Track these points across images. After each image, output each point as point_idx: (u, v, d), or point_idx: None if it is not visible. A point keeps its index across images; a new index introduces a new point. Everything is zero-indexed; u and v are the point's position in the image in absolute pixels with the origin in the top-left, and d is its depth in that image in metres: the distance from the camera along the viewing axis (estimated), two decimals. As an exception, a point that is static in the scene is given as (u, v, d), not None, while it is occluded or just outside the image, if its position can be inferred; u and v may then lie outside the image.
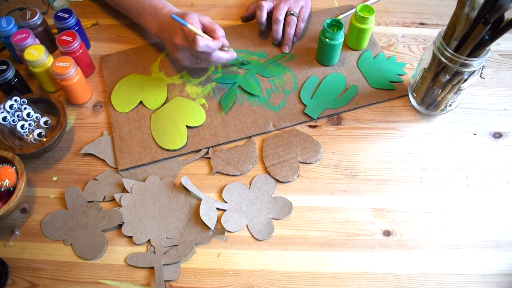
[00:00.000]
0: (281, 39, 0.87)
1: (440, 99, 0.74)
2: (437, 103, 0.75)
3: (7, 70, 0.75)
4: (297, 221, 0.69)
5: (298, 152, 0.75)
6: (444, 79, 0.70)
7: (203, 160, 0.75)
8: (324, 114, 0.79)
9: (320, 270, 0.65)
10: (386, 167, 0.74)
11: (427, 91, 0.74)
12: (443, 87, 0.71)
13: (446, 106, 0.75)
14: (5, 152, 0.70)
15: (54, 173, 0.74)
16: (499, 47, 0.90)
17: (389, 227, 0.68)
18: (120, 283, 0.64)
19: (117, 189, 0.71)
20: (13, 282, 0.64)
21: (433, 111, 0.78)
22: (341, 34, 0.79)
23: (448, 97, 0.73)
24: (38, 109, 0.77)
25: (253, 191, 0.71)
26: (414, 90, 0.78)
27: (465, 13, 0.62)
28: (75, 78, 0.77)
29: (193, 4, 0.98)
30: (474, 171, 0.74)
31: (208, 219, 0.67)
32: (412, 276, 0.64)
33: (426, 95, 0.75)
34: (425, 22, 0.94)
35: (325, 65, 0.86)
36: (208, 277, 0.64)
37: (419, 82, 0.75)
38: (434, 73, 0.71)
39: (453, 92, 0.72)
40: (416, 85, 0.77)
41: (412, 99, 0.79)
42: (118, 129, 0.78)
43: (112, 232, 0.68)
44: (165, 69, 0.86)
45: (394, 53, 0.88)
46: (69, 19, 0.83)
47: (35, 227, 0.68)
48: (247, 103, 0.81)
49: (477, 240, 0.67)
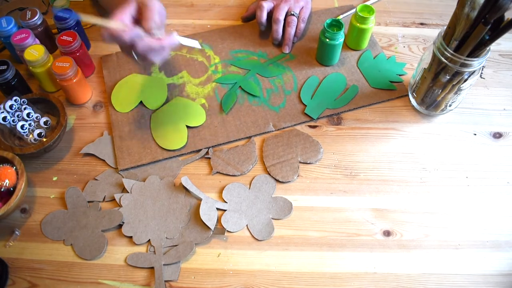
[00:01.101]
0: (281, 39, 0.87)
1: (440, 99, 0.74)
2: (437, 103, 0.75)
3: (7, 70, 0.75)
4: (297, 221, 0.69)
5: (298, 152, 0.75)
6: (444, 79, 0.70)
7: (203, 160, 0.75)
8: (324, 114, 0.79)
9: (320, 270, 0.64)
10: (386, 167, 0.74)
11: (427, 91, 0.74)
12: (443, 87, 0.71)
13: (446, 106, 0.75)
14: (5, 152, 0.70)
15: (54, 173, 0.74)
16: (499, 47, 0.90)
17: (389, 227, 0.68)
18: (120, 283, 0.64)
19: (117, 189, 0.71)
20: (13, 282, 0.64)
21: (433, 111, 0.78)
22: (341, 34, 0.79)
23: (448, 97, 0.73)
24: (38, 109, 0.77)
25: (253, 191, 0.71)
26: (414, 90, 0.78)
27: (465, 13, 0.62)
28: (75, 78, 0.77)
29: (193, 4, 0.98)
30: (474, 171, 0.74)
31: (208, 219, 0.67)
32: (412, 276, 0.64)
33: (426, 95, 0.75)
34: (425, 22, 0.94)
35: (325, 65, 0.86)
36: (208, 277, 0.64)
37: (419, 82, 0.75)
38: (434, 73, 0.71)
39: (453, 92, 0.72)
40: (416, 85, 0.77)
41: (412, 99, 0.79)
42: (118, 129, 0.78)
43: (112, 232, 0.68)
44: (165, 69, 0.86)
45: (394, 53, 0.89)
46: (69, 19, 0.82)
47: (35, 227, 0.68)
48: (247, 103, 0.81)
49: (477, 240, 0.67)
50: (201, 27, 0.93)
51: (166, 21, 0.86)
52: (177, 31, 0.73)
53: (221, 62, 0.87)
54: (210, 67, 0.86)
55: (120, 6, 0.64)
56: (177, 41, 0.67)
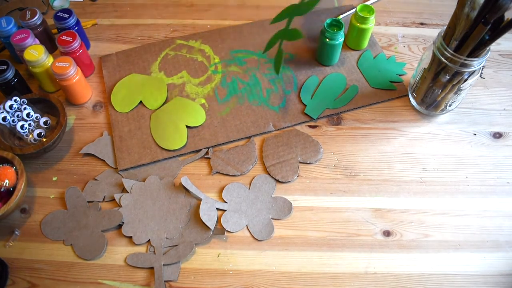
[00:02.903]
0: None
1: (440, 99, 0.74)
2: (437, 103, 0.75)
3: (7, 70, 0.75)
4: (297, 221, 0.69)
5: (298, 152, 0.75)
6: (444, 79, 0.70)
7: (203, 160, 0.75)
8: (324, 114, 0.79)
9: (320, 270, 0.64)
10: (386, 167, 0.74)
11: (427, 91, 0.74)
12: (443, 87, 0.71)
13: (446, 106, 0.75)
14: (5, 152, 0.70)
15: (54, 173, 0.74)
16: (499, 47, 0.90)
17: (389, 227, 0.68)
18: (120, 283, 0.64)
19: (117, 189, 0.71)
20: (13, 282, 0.64)
21: (433, 111, 0.78)
22: (341, 34, 0.79)
23: (448, 97, 0.73)
24: (38, 109, 0.77)
25: (253, 191, 0.71)
26: (414, 90, 0.78)
27: (465, 13, 0.62)
28: (75, 78, 0.76)
29: (193, 4, 0.98)
30: (474, 171, 0.74)
31: (208, 219, 0.67)
32: (412, 276, 0.64)
33: (426, 95, 0.75)
34: (425, 22, 0.94)
35: (325, 65, 0.86)
36: (208, 277, 0.64)
37: (419, 82, 0.75)
38: (434, 73, 0.71)
39: (453, 92, 0.72)
40: (416, 85, 0.77)
41: (412, 99, 0.79)
42: (118, 129, 0.78)
43: (112, 232, 0.68)
44: (165, 69, 0.86)
45: (394, 53, 0.88)
46: (69, 19, 0.82)
47: (35, 227, 0.68)
48: (247, 103, 0.81)
49: (477, 240, 0.67)
50: (201, 27, 0.93)
51: (166, 21, 0.86)
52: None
53: (221, 62, 0.87)
54: (210, 67, 0.86)
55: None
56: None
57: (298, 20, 0.93)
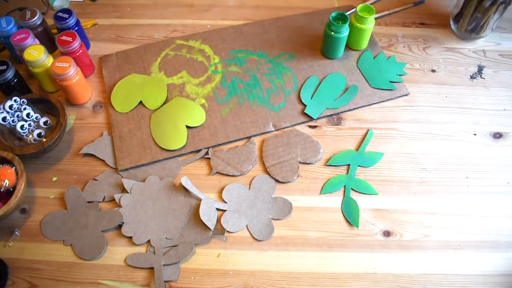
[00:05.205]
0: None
1: (483, 22, 0.81)
2: (479, 27, 0.82)
3: (7, 70, 0.75)
4: (297, 221, 0.69)
5: (298, 153, 0.75)
6: (488, 4, 0.78)
7: (203, 160, 0.75)
8: (324, 114, 0.79)
9: (320, 270, 0.64)
10: (386, 167, 0.74)
11: (470, 18, 0.80)
12: (486, 11, 0.78)
13: (487, 28, 0.84)
14: (5, 152, 0.70)
15: (54, 174, 0.74)
16: (499, 47, 0.89)
17: (389, 228, 0.68)
18: (120, 283, 0.64)
19: (117, 190, 0.71)
20: (13, 282, 0.64)
21: (474, 34, 0.86)
22: (346, 27, 0.80)
23: (493, 18, 0.81)
24: (38, 109, 0.77)
25: (253, 191, 0.71)
26: (456, 19, 0.87)
27: None
28: (75, 78, 0.76)
29: (193, 4, 0.98)
30: (474, 171, 0.74)
31: (208, 220, 0.67)
32: (412, 277, 0.64)
33: (470, 22, 0.82)
34: (425, 22, 0.94)
35: (330, 58, 0.86)
36: (208, 278, 0.64)
37: (463, 8, 0.83)
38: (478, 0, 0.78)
39: (499, 12, 0.79)
40: (459, 14, 0.85)
41: (454, 26, 0.88)
42: (118, 129, 0.78)
43: (112, 233, 0.68)
44: (165, 69, 0.86)
45: (394, 53, 0.88)
46: (69, 19, 0.82)
47: (35, 227, 0.68)
48: (247, 103, 0.81)
49: (477, 240, 0.67)
50: (201, 27, 0.93)
51: (166, 21, 0.86)
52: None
53: (221, 62, 0.87)
54: (210, 67, 0.86)
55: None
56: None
57: (298, 20, 0.93)
